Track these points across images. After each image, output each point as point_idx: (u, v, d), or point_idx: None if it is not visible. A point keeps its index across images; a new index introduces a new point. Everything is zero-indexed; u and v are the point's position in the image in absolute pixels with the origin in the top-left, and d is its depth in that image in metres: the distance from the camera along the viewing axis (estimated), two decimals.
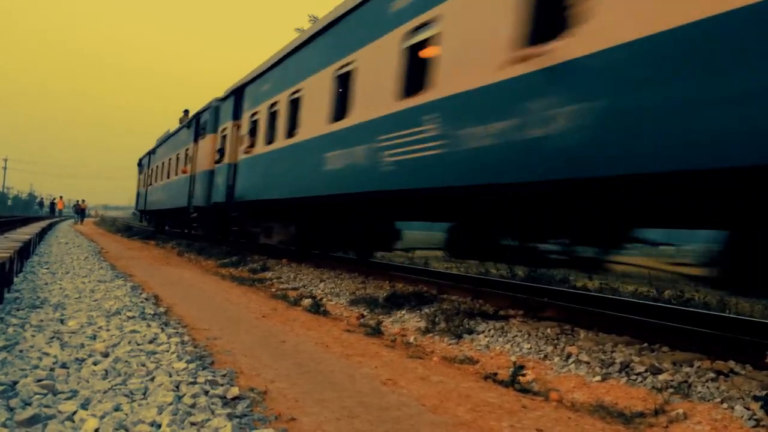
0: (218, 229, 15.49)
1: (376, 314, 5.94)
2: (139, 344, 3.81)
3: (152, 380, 3.00)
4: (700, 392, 3.29)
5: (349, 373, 3.56)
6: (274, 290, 7.74)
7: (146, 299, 5.92)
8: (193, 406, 2.65)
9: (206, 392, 2.85)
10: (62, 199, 53.23)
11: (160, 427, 2.39)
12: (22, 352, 3.37)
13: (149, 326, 4.44)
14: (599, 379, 3.66)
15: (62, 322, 4.40)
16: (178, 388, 2.90)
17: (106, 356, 3.43)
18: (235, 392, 2.86)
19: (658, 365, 3.66)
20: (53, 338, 3.79)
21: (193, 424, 2.44)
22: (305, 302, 6.37)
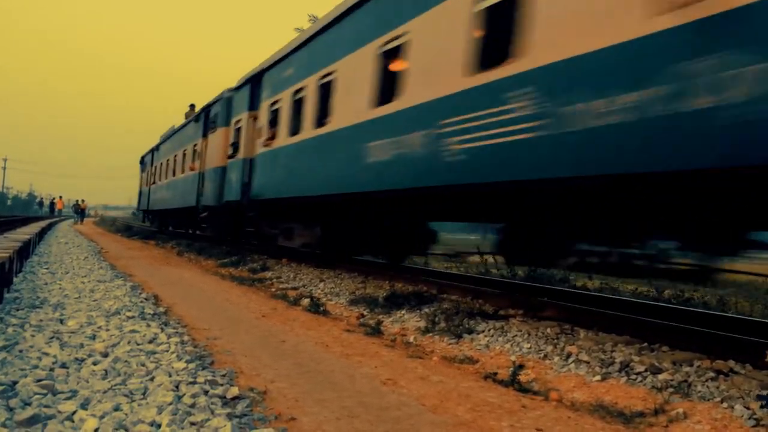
0: (231, 230, 14.11)
1: (375, 314, 5.94)
2: (138, 344, 3.81)
3: (152, 380, 3.00)
4: (699, 392, 3.29)
5: (349, 372, 3.56)
6: (273, 290, 7.74)
7: (146, 299, 5.92)
8: (192, 405, 2.65)
9: (206, 392, 2.85)
10: (62, 199, 53.20)
11: (159, 426, 2.39)
12: (21, 352, 3.37)
13: (149, 326, 4.44)
14: (599, 378, 3.66)
15: (62, 322, 4.41)
16: (177, 387, 2.90)
17: (105, 356, 3.43)
18: (234, 392, 2.86)
19: (657, 365, 3.66)
20: (53, 338, 3.80)
21: (192, 423, 2.44)
22: (305, 302, 6.37)
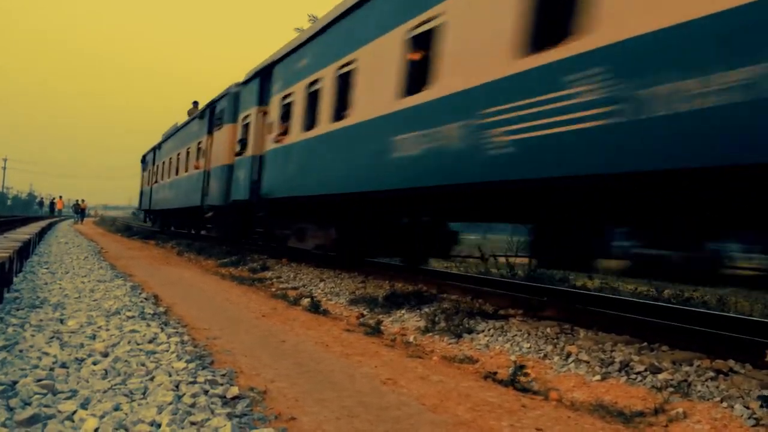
0: (238, 230, 13.46)
1: (375, 314, 5.95)
2: (138, 344, 3.81)
3: (152, 380, 3.01)
4: (699, 391, 3.29)
5: (348, 372, 3.56)
6: (273, 290, 7.74)
7: (146, 299, 5.92)
8: (192, 405, 2.65)
9: (206, 392, 2.85)
10: (62, 198, 53.22)
11: (159, 426, 2.39)
12: (21, 351, 3.37)
13: (149, 326, 4.44)
14: (599, 378, 3.66)
15: (62, 321, 4.41)
16: (177, 387, 2.91)
17: (105, 356, 3.43)
18: (234, 392, 2.86)
19: (657, 364, 3.66)
20: (53, 338, 3.80)
21: (192, 423, 2.44)
22: (305, 302, 6.37)
